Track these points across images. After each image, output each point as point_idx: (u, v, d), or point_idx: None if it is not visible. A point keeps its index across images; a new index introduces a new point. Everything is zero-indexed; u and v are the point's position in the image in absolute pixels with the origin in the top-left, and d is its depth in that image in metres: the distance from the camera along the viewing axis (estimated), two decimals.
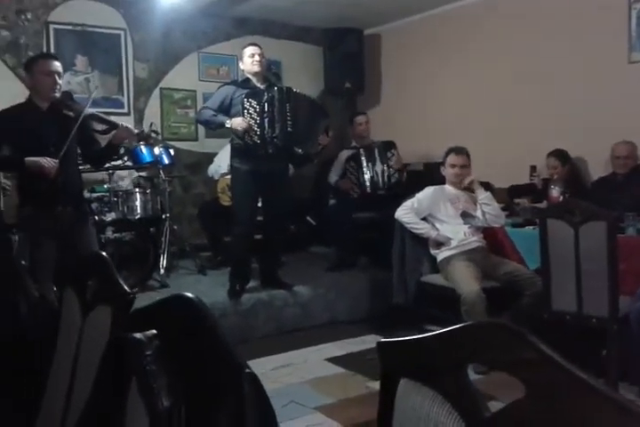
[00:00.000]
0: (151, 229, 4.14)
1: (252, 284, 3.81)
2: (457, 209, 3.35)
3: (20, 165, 2.79)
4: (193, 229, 5.15)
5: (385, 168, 4.43)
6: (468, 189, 3.42)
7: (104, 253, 1.36)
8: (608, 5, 3.99)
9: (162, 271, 3.99)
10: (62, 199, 2.89)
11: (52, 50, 4.66)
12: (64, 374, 1.35)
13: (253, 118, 3.47)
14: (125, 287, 1.23)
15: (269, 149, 3.49)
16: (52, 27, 4.72)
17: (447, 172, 3.42)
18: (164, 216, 4.22)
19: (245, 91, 3.55)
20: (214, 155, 4.92)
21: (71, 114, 2.88)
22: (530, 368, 0.64)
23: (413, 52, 5.47)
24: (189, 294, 1.00)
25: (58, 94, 2.92)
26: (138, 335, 0.95)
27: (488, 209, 3.23)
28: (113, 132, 2.99)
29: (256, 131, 3.46)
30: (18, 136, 2.84)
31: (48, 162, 2.74)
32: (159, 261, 3.98)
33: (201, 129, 5.25)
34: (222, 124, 3.54)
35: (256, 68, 3.62)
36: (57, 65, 2.92)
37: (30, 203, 2.85)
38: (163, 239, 4.12)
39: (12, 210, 3.32)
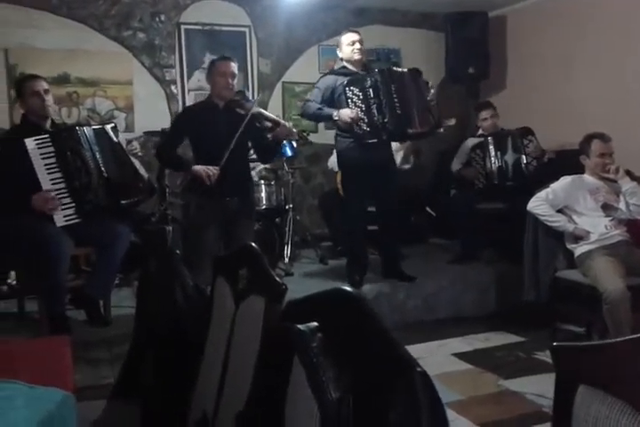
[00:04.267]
0: (276, 220, 4.27)
1: (374, 275, 3.80)
2: (597, 201, 3.10)
3: (187, 170, 3.13)
4: (313, 219, 5.24)
5: (519, 157, 4.13)
6: (609, 179, 3.16)
7: (255, 245, 1.41)
8: None
9: (286, 260, 4.11)
10: (230, 190, 3.13)
11: (183, 50, 4.92)
12: (217, 359, 1.42)
13: (358, 106, 3.37)
14: (277, 279, 1.26)
15: (383, 136, 3.40)
16: (182, 27, 4.98)
17: (593, 161, 3.14)
18: (287, 207, 4.32)
19: (346, 79, 3.44)
20: (333, 146, 4.95)
21: (242, 112, 3.11)
22: None
23: (543, 34, 5.13)
24: (350, 289, 1.00)
25: (231, 93, 3.16)
26: (302, 327, 0.96)
27: (634, 200, 2.96)
28: (277, 129, 3.19)
29: (364, 118, 3.38)
30: (196, 130, 3.13)
31: (209, 171, 2.99)
32: (284, 251, 4.10)
33: None
34: (330, 117, 3.47)
35: (357, 57, 3.51)
36: (231, 66, 3.15)
37: (198, 191, 3.09)
38: (286, 229, 4.23)
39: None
